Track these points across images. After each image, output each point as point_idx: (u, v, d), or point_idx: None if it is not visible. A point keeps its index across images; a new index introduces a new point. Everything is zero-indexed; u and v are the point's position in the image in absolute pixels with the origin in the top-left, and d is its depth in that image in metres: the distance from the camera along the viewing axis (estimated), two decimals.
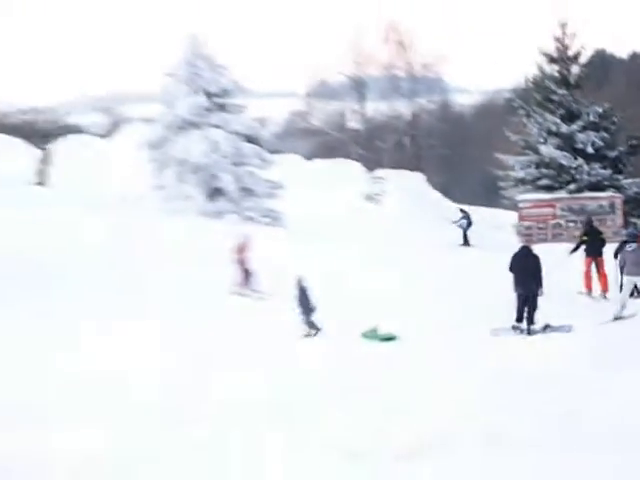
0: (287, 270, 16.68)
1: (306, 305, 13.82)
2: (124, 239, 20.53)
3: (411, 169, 37.83)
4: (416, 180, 35.91)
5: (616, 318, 14.11)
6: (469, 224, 26.86)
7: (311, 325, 13.95)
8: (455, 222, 27.98)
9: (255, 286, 17.28)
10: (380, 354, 12.46)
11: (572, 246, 19.16)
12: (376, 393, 9.40)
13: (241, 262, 17.80)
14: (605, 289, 17.24)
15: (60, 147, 35.41)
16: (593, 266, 17.59)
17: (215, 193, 26.25)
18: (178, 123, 26.19)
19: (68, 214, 21.89)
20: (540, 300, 13.83)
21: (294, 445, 7.11)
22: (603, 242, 18.17)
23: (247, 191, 26.53)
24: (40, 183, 29.38)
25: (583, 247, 18.10)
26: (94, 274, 17.82)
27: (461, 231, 26.84)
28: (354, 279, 18.17)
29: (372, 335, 13.87)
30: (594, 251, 17.71)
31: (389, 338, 13.92)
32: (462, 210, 28.44)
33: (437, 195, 36.44)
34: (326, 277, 17.21)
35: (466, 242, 26.29)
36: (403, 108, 43.43)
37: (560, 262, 17.37)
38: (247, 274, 17.71)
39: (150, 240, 20.61)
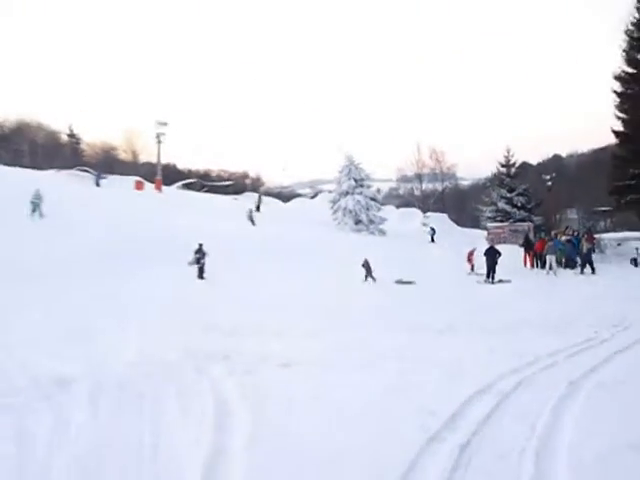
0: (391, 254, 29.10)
1: (369, 269, 21.54)
2: (326, 240, 33.93)
3: (441, 212, 60.92)
4: (443, 217, 57.41)
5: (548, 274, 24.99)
6: (434, 232, 43.53)
7: (373, 278, 21.55)
8: (425, 226, 48.25)
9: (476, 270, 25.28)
10: (404, 289, 20.07)
11: (515, 246, 31.23)
12: (408, 306, 15.23)
13: (469, 259, 26.64)
14: (532, 265, 28.05)
15: (294, 203, 60.79)
16: (526, 255, 28.94)
17: (358, 222, 43.53)
18: (343, 192, 44.83)
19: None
20: (497, 268, 23.34)
21: (388, 327, 11.58)
22: (531, 244, 29.43)
23: (371, 221, 44.18)
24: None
25: (522, 246, 29.71)
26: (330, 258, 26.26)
27: (429, 236, 43.28)
28: (403, 258, 28.55)
29: (400, 281, 21.39)
30: (528, 247, 29.04)
31: (410, 282, 21.31)
32: (432, 228, 44.53)
33: (453, 224, 57.71)
34: (393, 258, 27.80)
35: (432, 240, 42.20)
36: (437, 186, 72.45)
37: (506, 252, 26.01)
38: (472, 266, 26.05)
39: (338, 241, 34.37)
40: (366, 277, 21.57)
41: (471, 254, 26.82)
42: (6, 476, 4.64)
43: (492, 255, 23.53)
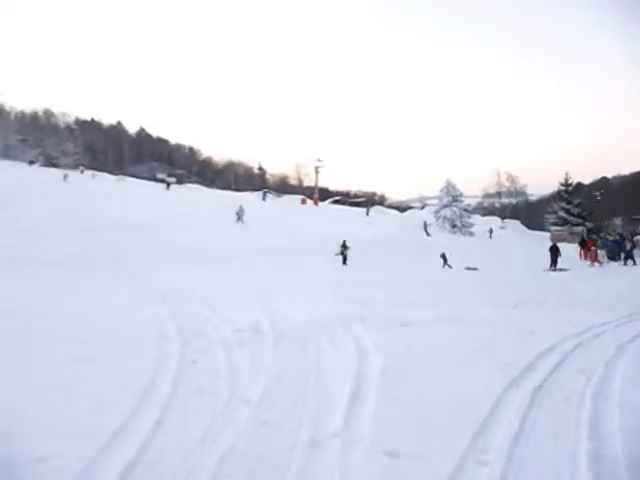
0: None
1: (445, 258, 21.04)
2: (428, 239, 36.61)
3: (515, 219, 57.89)
4: (517, 223, 55.66)
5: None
6: (492, 231, 43.02)
7: (448, 266, 20.83)
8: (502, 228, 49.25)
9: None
10: (470, 274, 19.05)
11: (573, 244, 29.67)
12: (481, 286, 14.39)
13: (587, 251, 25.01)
14: (593, 259, 23.89)
15: (408, 213, 58.04)
16: (581, 251, 26.35)
17: (454, 226, 43.62)
18: (443, 205, 45.22)
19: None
20: (559, 260, 21.94)
21: (474, 302, 11.47)
22: (585, 242, 27.14)
23: (463, 225, 44.12)
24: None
25: (579, 244, 27.51)
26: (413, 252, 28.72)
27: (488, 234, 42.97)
28: (475, 251, 30.19)
29: (468, 267, 20.46)
30: (583, 245, 26.83)
31: (474, 268, 20.43)
32: (491, 229, 43.89)
33: (524, 228, 54.43)
34: (469, 252, 29.70)
35: (428, 234, 38.93)
36: (512, 200, 67.67)
37: (565, 249, 24.58)
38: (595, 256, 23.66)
39: (438, 240, 38.24)
40: (444, 264, 21.02)
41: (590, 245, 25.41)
42: (221, 390, 4.93)
43: (554, 250, 22.31)
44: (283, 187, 78.13)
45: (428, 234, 38.53)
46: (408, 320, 8.57)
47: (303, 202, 55.55)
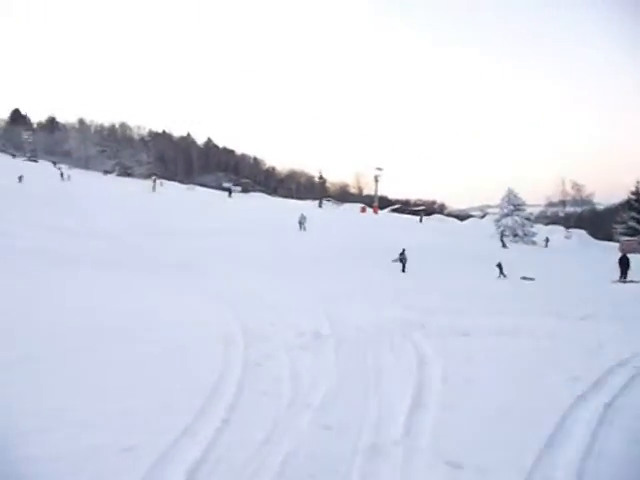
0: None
1: (501, 267, 20.20)
2: (486, 248, 34.55)
3: (581, 229, 54.59)
4: (582, 233, 52.46)
5: None
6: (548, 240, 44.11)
7: (503, 275, 19.96)
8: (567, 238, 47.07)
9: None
10: (526, 283, 18.41)
11: None
12: (530, 297, 14.04)
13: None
14: None
15: (468, 222, 56.97)
16: None
17: (515, 235, 41.79)
18: (504, 214, 43.48)
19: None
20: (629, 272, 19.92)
21: (534, 311, 13.09)
22: None
23: (525, 234, 42.60)
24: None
25: None
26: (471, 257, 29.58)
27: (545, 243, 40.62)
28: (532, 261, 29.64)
29: (524, 277, 19.67)
30: None
31: (531, 278, 19.50)
32: (547, 238, 42.07)
33: (590, 238, 51.33)
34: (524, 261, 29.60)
35: (504, 245, 35.80)
36: (577, 209, 63.95)
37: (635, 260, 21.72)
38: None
39: (498, 250, 34.82)
40: (500, 274, 20.14)
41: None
42: (284, 393, 4.96)
43: (624, 262, 20.80)
44: (343, 195, 78.34)
45: (504, 245, 35.92)
46: (468, 329, 8.32)
47: (363, 210, 55.77)
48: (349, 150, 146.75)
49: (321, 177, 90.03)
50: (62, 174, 44.75)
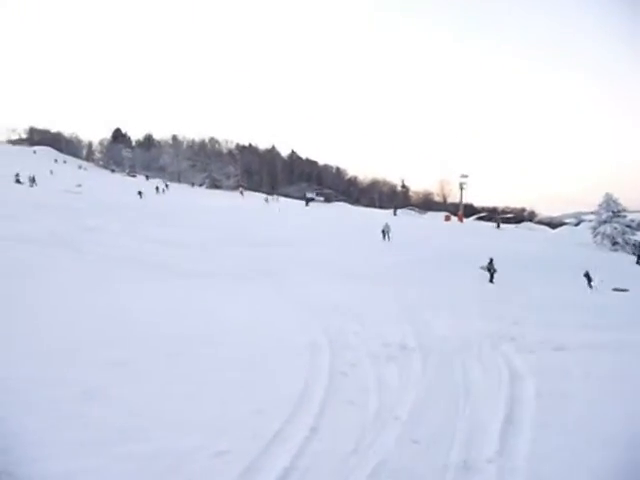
0: None
1: (589, 277, 19.08)
2: (583, 257, 36.35)
3: None
4: None
5: None
6: None
7: (592, 286, 18.61)
8: None
9: None
10: (621, 295, 17.05)
11: None
12: (628, 309, 13.28)
13: None
14: None
15: (561, 230, 54.50)
16: None
17: (615, 243, 38.64)
18: (602, 221, 39.93)
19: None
20: None
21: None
22: None
23: (626, 243, 39.54)
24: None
25: None
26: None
27: None
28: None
29: (616, 289, 18.26)
30: None
31: (624, 290, 18.15)
32: None
33: None
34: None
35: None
36: None
37: None
38: None
39: (594, 259, 32.50)
40: (589, 284, 18.85)
41: None
42: (370, 403, 4.91)
43: None
44: (427, 204, 76.92)
45: None
46: (563, 342, 7.85)
47: (447, 219, 54.38)
48: (433, 158, 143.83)
49: (403, 186, 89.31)
50: (157, 188, 47.60)
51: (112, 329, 7.15)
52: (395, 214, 53.94)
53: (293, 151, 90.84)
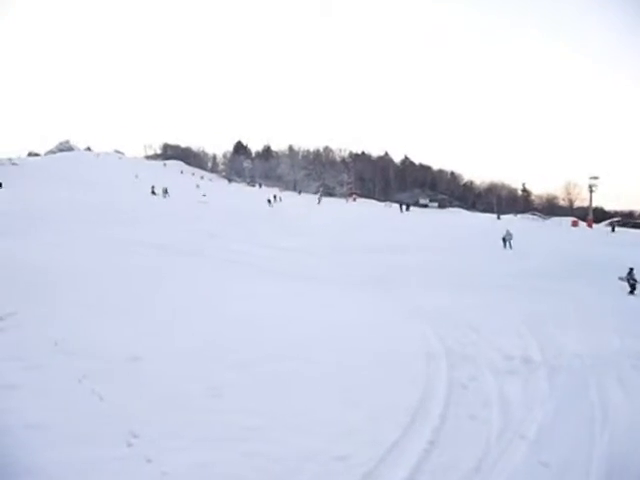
0: None
1: None
2: None
3: None
4: None
5: None
6: None
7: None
8: None
9: None
10: None
11: None
12: None
13: None
14: None
15: None
16: None
17: None
18: None
19: None
20: None
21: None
22: None
23: None
24: None
25: None
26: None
27: None
28: None
29: None
30: None
31: None
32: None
33: None
34: None
35: None
36: None
37: None
38: None
39: None
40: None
41: None
42: (494, 419, 4.63)
43: None
44: (550, 208, 71.84)
45: None
46: None
47: (574, 224, 50.29)
48: (558, 159, 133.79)
49: (524, 190, 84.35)
50: (275, 196, 49.53)
51: (238, 332, 7.54)
52: (499, 218, 50.98)
53: (406, 157, 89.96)
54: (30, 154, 79.60)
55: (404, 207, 51.92)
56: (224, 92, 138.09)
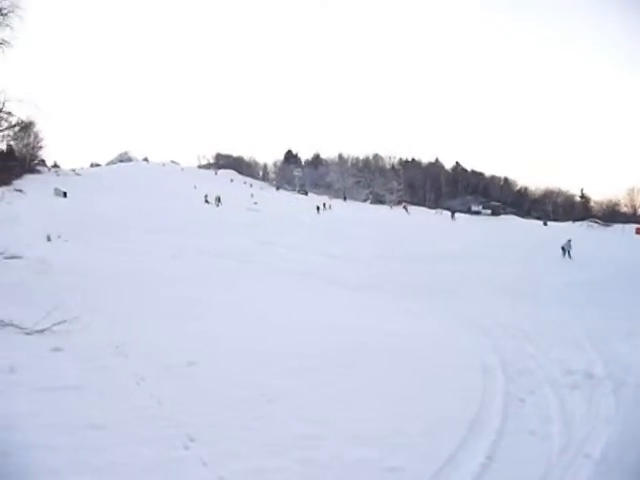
0: None
1: None
2: None
3: None
4: None
5: None
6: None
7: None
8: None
9: None
10: None
11: None
12: None
13: None
14: None
15: None
16: None
17: None
18: None
19: None
20: None
21: None
22: None
23: None
24: None
25: None
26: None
27: None
28: None
29: None
30: None
31: None
32: None
33: None
34: None
35: None
36: None
37: None
38: None
39: None
40: None
41: None
42: (554, 435, 4.44)
43: None
44: (611, 215, 68.49)
45: None
46: None
47: (638, 231, 47.80)
48: (619, 163, 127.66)
49: (583, 196, 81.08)
50: (324, 204, 49.77)
51: (290, 338, 7.65)
52: (546, 225, 49.09)
53: (457, 163, 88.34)
54: (92, 165, 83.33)
55: (454, 214, 51.10)
56: (275, 102, 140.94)
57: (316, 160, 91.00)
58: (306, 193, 70.67)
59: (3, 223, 22.24)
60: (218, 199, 40.91)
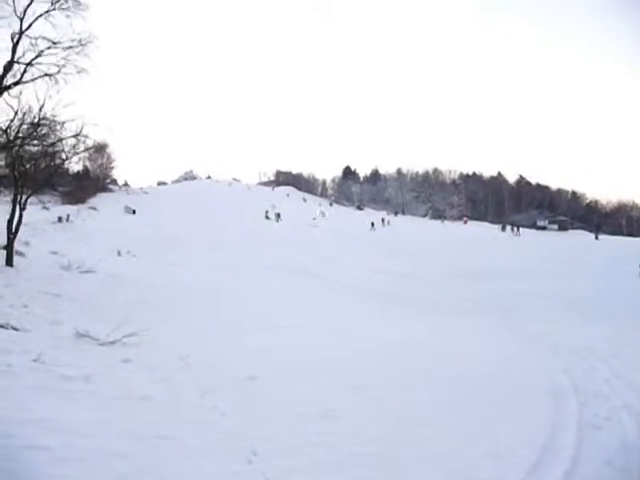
0: None
1: None
2: None
3: None
4: None
5: None
6: None
7: None
8: None
9: None
10: None
11: None
12: None
13: None
14: None
15: None
16: None
17: None
18: None
19: None
20: None
21: None
22: None
23: None
24: None
25: None
26: None
27: None
28: None
29: None
30: None
31: None
32: None
33: None
34: None
35: None
36: None
37: None
38: None
39: None
40: None
41: None
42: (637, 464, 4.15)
43: None
44: None
45: None
46: None
47: None
48: None
49: None
50: (382, 219, 49.47)
51: (351, 353, 7.69)
52: (597, 238, 45.82)
53: (521, 176, 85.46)
54: (159, 183, 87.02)
55: (515, 229, 49.13)
56: (335, 120, 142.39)
57: (374, 175, 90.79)
58: (361, 208, 70.68)
59: (79, 239, 23.70)
60: (278, 215, 41.77)
